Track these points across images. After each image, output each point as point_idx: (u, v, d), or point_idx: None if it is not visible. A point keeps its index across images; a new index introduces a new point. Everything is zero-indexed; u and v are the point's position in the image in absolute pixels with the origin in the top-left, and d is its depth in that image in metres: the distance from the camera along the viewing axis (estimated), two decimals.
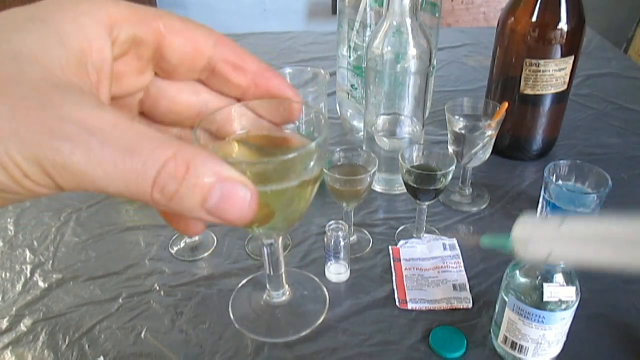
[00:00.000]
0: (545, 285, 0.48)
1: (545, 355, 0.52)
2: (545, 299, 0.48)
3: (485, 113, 0.75)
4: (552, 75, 0.78)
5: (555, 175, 0.71)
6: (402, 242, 0.70)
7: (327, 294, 0.53)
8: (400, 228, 0.74)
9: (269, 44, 1.39)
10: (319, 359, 0.55)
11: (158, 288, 0.64)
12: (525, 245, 0.39)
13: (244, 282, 0.55)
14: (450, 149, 0.74)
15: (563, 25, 0.75)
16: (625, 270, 0.36)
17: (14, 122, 0.19)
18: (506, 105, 0.71)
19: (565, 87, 0.80)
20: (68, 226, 0.75)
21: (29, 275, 0.67)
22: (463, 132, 0.72)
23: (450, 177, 0.64)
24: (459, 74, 1.20)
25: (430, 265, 0.67)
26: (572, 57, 0.78)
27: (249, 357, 0.56)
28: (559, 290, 0.48)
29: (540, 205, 0.73)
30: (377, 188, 0.81)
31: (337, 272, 0.64)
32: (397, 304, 0.61)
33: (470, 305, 0.61)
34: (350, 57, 0.88)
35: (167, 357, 0.56)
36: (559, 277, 0.48)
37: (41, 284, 0.65)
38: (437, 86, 1.07)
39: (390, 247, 0.70)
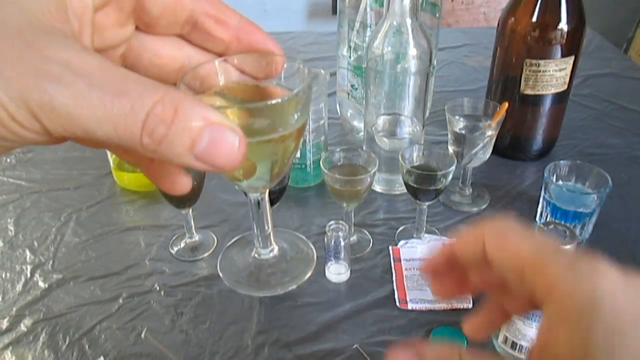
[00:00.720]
0: None
1: None
2: None
3: (485, 113, 0.75)
4: (552, 75, 0.78)
5: (555, 175, 0.71)
6: (402, 242, 0.70)
7: (315, 251, 0.54)
8: (400, 228, 0.74)
9: None
10: (318, 359, 0.55)
11: (158, 288, 0.64)
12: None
13: (231, 242, 0.53)
14: (450, 149, 0.74)
15: (563, 25, 0.75)
16: None
17: None
18: (506, 105, 0.71)
19: (565, 87, 0.81)
20: (68, 226, 0.75)
21: (29, 275, 0.67)
22: (463, 132, 0.72)
23: (450, 177, 0.64)
24: (459, 74, 1.20)
25: None
26: (572, 57, 0.78)
27: (249, 357, 0.56)
28: None
29: (540, 205, 0.73)
30: (377, 188, 0.81)
31: (337, 272, 0.64)
32: (397, 304, 0.61)
33: (470, 305, 0.61)
34: (350, 57, 0.88)
35: (167, 357, 0.56)
36: None
37: (41, 284, 0.65)
38: (437, 86, 1.07)
39: (390, 247, 0.70)
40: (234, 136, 0.21)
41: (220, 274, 0.52)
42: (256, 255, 0.54)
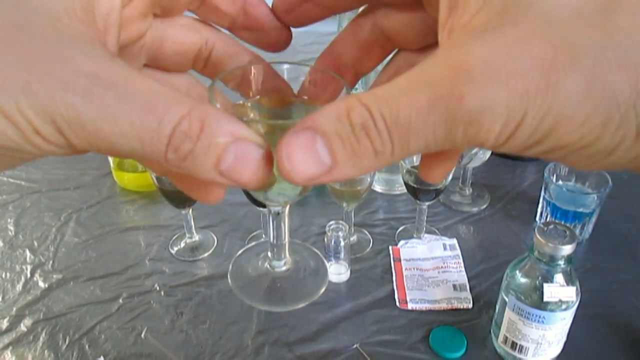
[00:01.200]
0: (545, 285, 0.48)
1: (545, 355, 0.52)
2: (545, 299, 0.48)
3: None
4: None
5: (555, 175, 0.71)
6: (402, 242, 0.70)
7: (327, 268, 0.52)
8: (400, 228, 0.74)
9: None
10: (318, 359, 0.55)
11: (158, 288, 0.64)
12: None
13: (241, 251, 0.53)
14: None
15: None
16: None
17: (24, 73, 0.18)
18: None
19: None
20: (68, 226, 0.75)
21: (29, 275, 0.67)
22: None
23: (450, 177, 0.64)
24: None
25: (430, 265, 0.67)
26: None
27: (249, 357, 0.56)
28: (559, 290, 0.48)
29: (540, 205, 0.73)
30: (377, 188, 0.81)
31: (337, 272, 0.64)
32: (397, 304, 0.61)
33: (470, 305, 0.61)
34: None
35: (167, 357, 0.56)
36: (559, 277, 0.48)
37: (41, 284, 0.65)
38: None
39: (390, 247, 0.70)
40: (260, 152, 0.21)
41: (230, 281, 0.49)
42: (268, 266, 0.52)
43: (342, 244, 0.62)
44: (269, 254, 0.50)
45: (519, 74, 0.17)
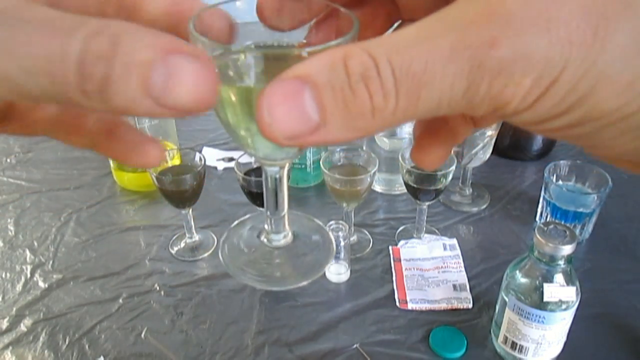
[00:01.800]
0: (545, 285, 0.48)
1: (545, 355, 0.52)
2: (545, 299, 0.48)
3: None
4: None
5: (555, 175, 0.71)
6: (402, 242, 0.70)
7: (333, 241, 0.45)
8: (400, 228, 0.74)
9: None
10: (318, 359, 0.55)
11: (158, 288, 0.64)
12: None
13: (236, 222, 0.47)
14: None
15: None
16: None
17: None
18: None
19: None
20: (68, 226, 0.75)
21: (29, 275, 0.67)
22: None
23: (450, 177, 0.64)
24: None
25: (430, 265, 0.67)
26: None
27: (249, 357, 0.56)
28: (559, 290, 0.48)
29: (540, 205, 0.73)
30: (377, 188, 0.81)
31: (337, 272, 0.64)
32: (397, 304, 0.61)
33: (470, 305, 0.61)
34: None
35: (167, 357, 0.56)
36: (559, 277, 0.48)
37: (41, 284, 0.65)
38: None
39: (390, 247, 0.70)
40: (198, 63, 0.16)
41: (221, 258, 0.43)
42: (265, 240, 0.46)
43: (342, 244, 0.62)
44: (266, 226, 0.45)
45: (562, 21, 0.15)
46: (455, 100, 0.16)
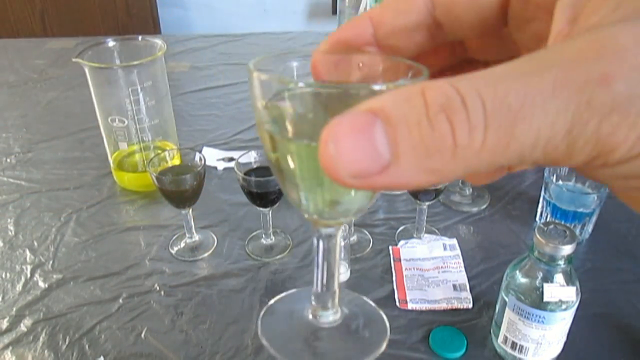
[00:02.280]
0: (545, 285, 0.48)
1: (545, 355, 0.52)
2: (545, 299, 0.48)
3: None
4: None
5: (555, 175, 0.71)
6: (402, 242, 0.70)
7: (386, 321, 0.40)
8: (400, 228, 0.74)
9: (269, 44, 1.39)
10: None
11: (158, 288, 0.64)
12: None
13: (276, 298, 0.42)
14: None
15: None
16: None
17: None
18: None
19: None
20: (68, 226, 0.75)
21: (29, 275, 0.67)
22: None
23: None
24: None
25: (430, 265, 0.67)
26: None
27: (249, 357, 0.55)
28: (559, 290, 0.48)
29: (540, 205, 0.73)
30: None
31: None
32: (397, 304, 0.61)
33: (470, 305, 0.61)
34: None
35: (167, 357, 0.56)
36: (559, 277, 0.48)
37: (41, 284, 0.65)
38: None
39: (390, 247, 0.70)
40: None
41: (264, 341, 0.38)
42: (312, 317, 0.40)
43: (342, 244, 0.62)
44: (313, 301, 0.40)
45: None
46: (553, 144, 0.14)
